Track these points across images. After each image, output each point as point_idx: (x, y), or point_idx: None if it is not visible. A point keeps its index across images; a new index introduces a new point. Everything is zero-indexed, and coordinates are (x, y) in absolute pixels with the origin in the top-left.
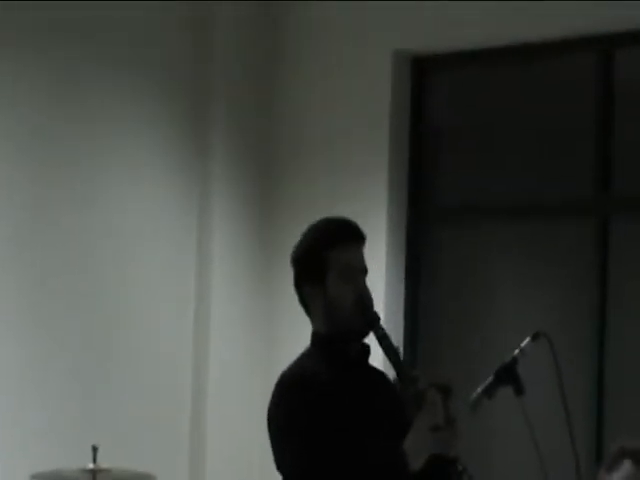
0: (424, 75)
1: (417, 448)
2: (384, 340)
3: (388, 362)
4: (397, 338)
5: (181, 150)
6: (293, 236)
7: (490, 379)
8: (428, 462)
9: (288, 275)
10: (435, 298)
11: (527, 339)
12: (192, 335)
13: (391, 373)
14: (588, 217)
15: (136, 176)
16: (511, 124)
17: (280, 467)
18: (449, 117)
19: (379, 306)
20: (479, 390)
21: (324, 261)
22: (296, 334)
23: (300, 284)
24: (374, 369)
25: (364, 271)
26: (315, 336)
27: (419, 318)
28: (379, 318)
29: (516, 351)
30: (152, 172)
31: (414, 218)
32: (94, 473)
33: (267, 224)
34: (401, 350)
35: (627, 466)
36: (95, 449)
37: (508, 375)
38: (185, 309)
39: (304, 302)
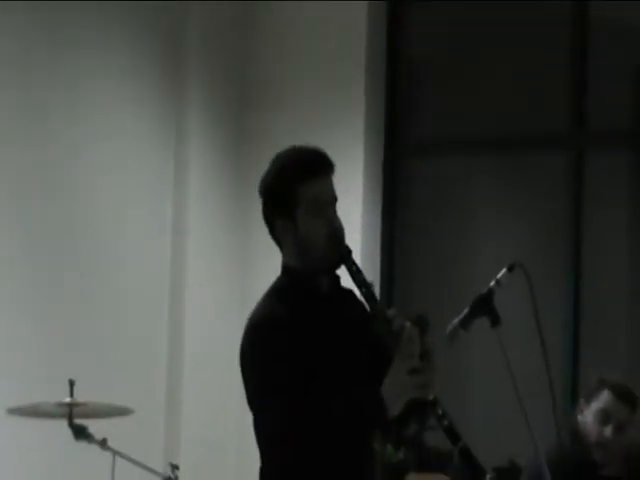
0: (401, 4)
1: (395, 393)
2: (357, 275)
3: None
4: (374, 272)
5: (159, 81)
6: None
7: (466, 310)
8: (406, 406)
9: None
10: (412, 231)
11: (503, 270)
12: (169, 266)
13: None
14: (564, 150)
15: (115, 105)
16: (489, 57)
17: (251, 405)
18: (427, 49)
19: (356, 240)
20: (455, 321)
21: (293, 196)
22: (273, 265)
23: (270, 217)
24: (346, 294)
25: (333, 201)
26: (286, 269)
27: (395, 251)
28: (351, 251)
29: (492, 282)
30: (130, 103)
31: (391, 151)
32: (71, 407)
33: (244, 154)
34: (375, 286)
35: (605, 396)
36: (72, 383)
37: (484, 306)
38: (162, 240)
39: (274, 235)
